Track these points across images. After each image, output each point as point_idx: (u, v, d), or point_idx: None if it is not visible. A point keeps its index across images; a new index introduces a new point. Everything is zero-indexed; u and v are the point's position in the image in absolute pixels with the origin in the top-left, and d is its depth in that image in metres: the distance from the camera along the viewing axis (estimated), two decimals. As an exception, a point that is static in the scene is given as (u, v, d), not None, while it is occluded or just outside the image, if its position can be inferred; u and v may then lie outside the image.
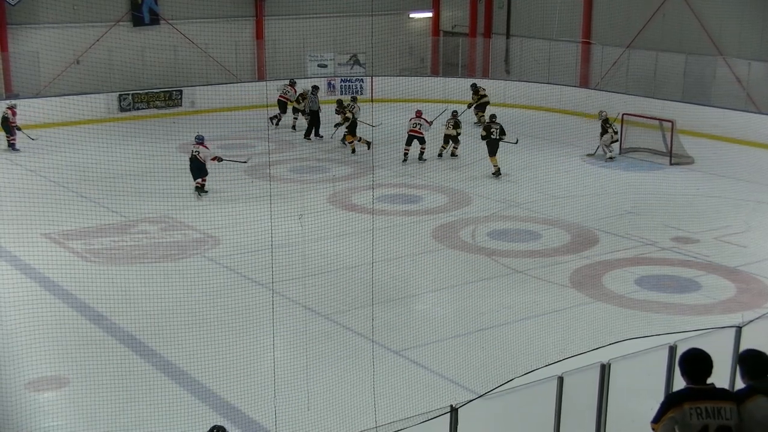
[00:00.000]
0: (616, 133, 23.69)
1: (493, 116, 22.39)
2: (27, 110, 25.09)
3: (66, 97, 26.86)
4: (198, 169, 19.76)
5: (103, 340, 12.76)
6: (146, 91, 29.01)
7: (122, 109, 28.36)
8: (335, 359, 12.18)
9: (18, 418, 10.51)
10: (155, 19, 30.52)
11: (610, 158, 23.49)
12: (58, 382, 11.59)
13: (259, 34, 32.44)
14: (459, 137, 23.46)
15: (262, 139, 25.15)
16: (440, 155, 23.49)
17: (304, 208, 18.21)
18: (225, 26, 31.27)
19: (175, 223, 18.25)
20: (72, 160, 21.91)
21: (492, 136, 21.59)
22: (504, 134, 21.66)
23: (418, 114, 23.37)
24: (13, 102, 24.79)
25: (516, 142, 22.07)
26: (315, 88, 26.77)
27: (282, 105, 27.23)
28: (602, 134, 23.68)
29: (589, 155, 23.97)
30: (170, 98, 29.21)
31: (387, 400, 10.58)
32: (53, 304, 13.94)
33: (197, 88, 29.30)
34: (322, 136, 26.02)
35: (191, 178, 19.90)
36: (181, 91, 29.34)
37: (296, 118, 26.98)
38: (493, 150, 21.60)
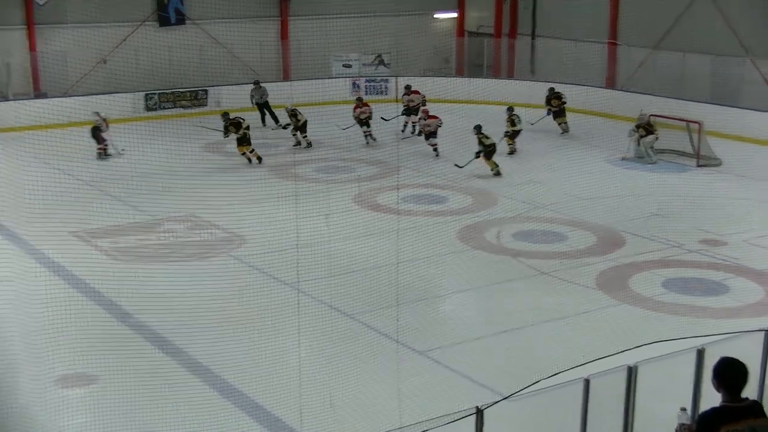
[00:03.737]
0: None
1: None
2: (54, 109, 25.30)
3: (93, 96, 27.07)
4: None
5: (131, 337, 12.85)
6: (172, 90, 29.18)
7: (148, 109, 28.55)
8: (360, 359, 12.18)
9: (46, 414, 10.60)
10: (181, 19, 30.69)
11: (655, 161, 23.32)
12: (86, 379, 11.68)
13: (284, 35, 32.53)
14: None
15: (287, 138, 25.20)
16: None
17: (330, 208, 18.23)
18: (250, 26, 31.37)
19: (201, 222, 18.34)
20: (99, 158, 22.11)
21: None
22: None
23: None
24: (104, 114, 24.46)
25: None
26: (257, 82, 27.85)
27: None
28: (645, 136, 23.51)
29: (625, 158, 23.72)
30: (196, 98, 29.36)
31: (412, 400, 10.58)
32: (81, 302, 14.05)
33: (223, 87, 29.41)
34: (280, 123, 27.01)
35: (217, 178, 19.96)
36: (206, 91, 29.48)
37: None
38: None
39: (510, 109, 24.28)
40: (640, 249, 16.66)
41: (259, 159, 22.97)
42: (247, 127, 22.89)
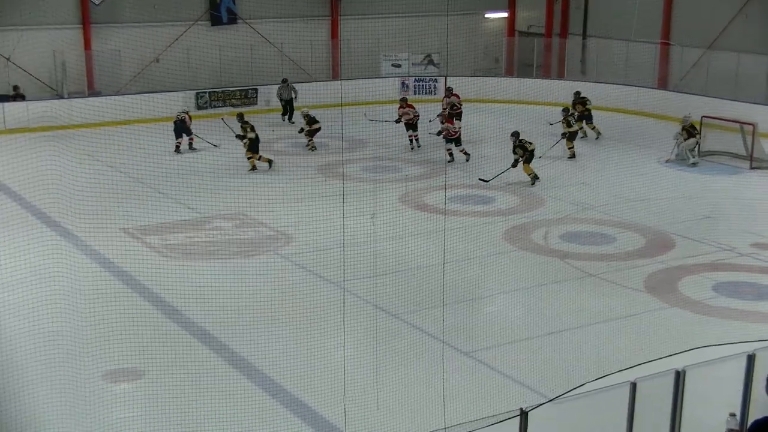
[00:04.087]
0: (701, 137, 23.15)
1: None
2: (108, 107, 25.71)
3: (145, 94, 27.45)
4: None
5: (178, 334, 12.98)
6: (223, 89, 29.44)
7: (199, 107, 28.80)
8: (405, 359, 12.19)
9: (94, 408, 10.76)
10: (233, 19, 31.01)
11: (694, 164, 22.95)
12: (133, 374, 11.84)
13: (335, 34, 32.65)
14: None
15: (335, 137, 25.28)
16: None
17: (376, 208, 18.25)
18: (301, 26, 31.56)
19: (248, 220, 18.48)
20: (150, 156, 22.39)
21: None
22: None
23: None
24: (187, 109, 25.72)
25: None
26: (285, 80, 28.35)
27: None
28: (686, 138, 23.17)
29: (669, 161, 23.38)
30: (246, 96, 29.57)
31: (456, 401, 10.56)
32: (130, 297, 14.26)
33: (273, 87, 29.60)
34: (294, 122, 27.52)
35: (266, 176, 20.05)
36: (256, 90, 29.69)
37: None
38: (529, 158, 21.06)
39: (566, 110, 23.89)
40: (691, 252, 16.43)
41: (269, 162, 22.38)
42: (255, 136, 22.36)
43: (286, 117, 28.39)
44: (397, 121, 24.67)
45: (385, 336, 12.70)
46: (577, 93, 26.29)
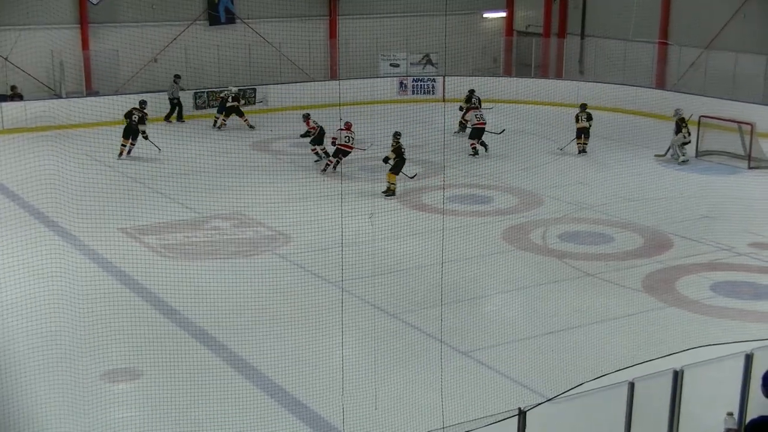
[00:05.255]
0: (689, 134, 23.13)
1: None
2: (106, 107, 25.69)
3: (143, 94, 27.41)
4: None
5: (176, 333, 12.98)
6: (221, 89, 29.40)
7: (197, 107, 28.81)
8: (403, 359, 12.19)
9: (92, 408, 10.76)
10: (231, 18, 31.00)
11: (684, 162, 22.99)
12: (131, 375, 11.84)
13: (333, 34, 32.64)
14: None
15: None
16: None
17: (375, 207, 18.26)
18: (299, 25, 31.57)
19: (247, 219, 18.48)
20: (148, 156, 22.40)
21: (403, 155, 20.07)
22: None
23: None
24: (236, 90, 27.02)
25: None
26: (176, 77, 28.08)
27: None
28: (676, 134, 23.24)
29: (658, 156, 23.50)
30: (244, 96, 29.53)
31: (454, 401, 10.56)
32: (128, 297, 14.26)
33: (270, 86, 29.60)
34: (185, 121, 27.68)
35: (264, 176, 20.00)
36: (254, 90, 29.67)
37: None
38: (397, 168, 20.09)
39: (582, 106, 24.13)
40: (689, 251, 16.44)
41: (120, 154, 23.09)
42: (131, 121, 22.95)
43: (174, 118, 27.70)
44: (304, 135, 23.64)
45: (383, 336, 12.70)
46: (471, 91, 26.37)
